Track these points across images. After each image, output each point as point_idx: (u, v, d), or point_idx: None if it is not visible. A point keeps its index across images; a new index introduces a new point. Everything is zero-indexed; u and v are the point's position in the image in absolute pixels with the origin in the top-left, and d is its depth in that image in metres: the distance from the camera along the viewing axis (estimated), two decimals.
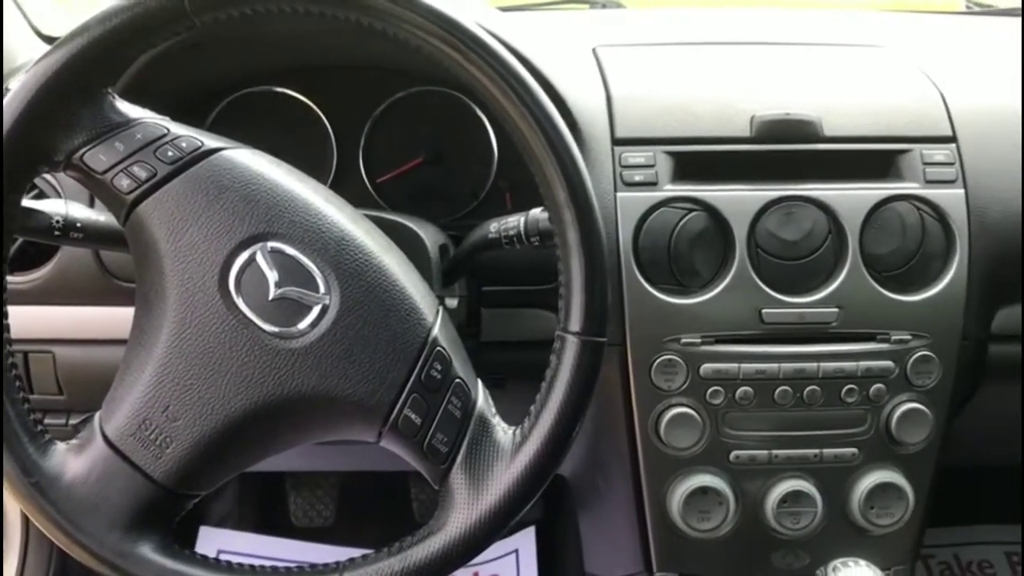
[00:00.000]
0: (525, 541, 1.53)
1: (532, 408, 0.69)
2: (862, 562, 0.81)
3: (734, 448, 0.93)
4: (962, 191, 0.94)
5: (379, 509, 1.56)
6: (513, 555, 1.53)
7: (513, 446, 0.68)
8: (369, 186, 1.04)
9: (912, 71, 1.03)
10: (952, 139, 0.96)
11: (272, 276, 0.65)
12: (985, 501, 1.68)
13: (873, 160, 0.95)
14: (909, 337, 0.92)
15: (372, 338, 0.66)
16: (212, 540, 1.50)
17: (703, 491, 0.93)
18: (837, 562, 0.81)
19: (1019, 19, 1.43)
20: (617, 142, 0.94)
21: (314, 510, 1.52)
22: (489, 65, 0.66)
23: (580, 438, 1.05)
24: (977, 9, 1.51)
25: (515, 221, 0.79)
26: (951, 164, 0.95)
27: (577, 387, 0.68)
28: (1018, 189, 0.96)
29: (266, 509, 1.58)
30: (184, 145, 0.67)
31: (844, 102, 0.97)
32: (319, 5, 0.65)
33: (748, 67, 1.04)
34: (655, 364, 0.91)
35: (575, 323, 0.68)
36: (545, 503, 1.56)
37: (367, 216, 0.73)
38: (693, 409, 0.91)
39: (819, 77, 1.02)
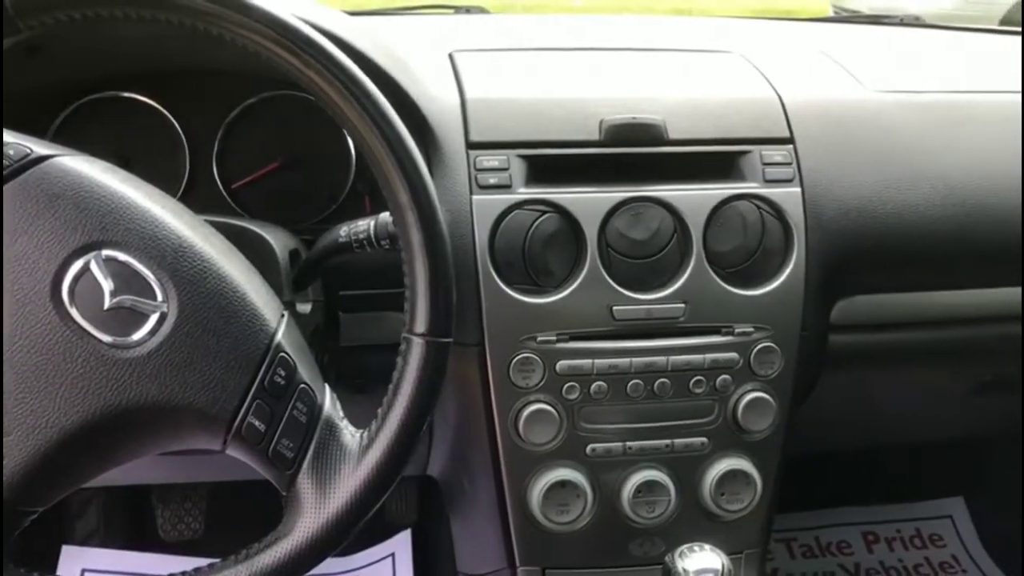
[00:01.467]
0: (401, 545, 1.54)
1: (379, 411, 0.70)
2: (707, 546, 0.84)
3: (590, 441, 0.96)
4: (799, 190, 0.99)
5: (250, 519, 1.53)
6: (389, 559, 1.53)
7: (360, 449, 0.69)
8: (224, 192, 1.02)
9: (754, 76, 1.08)
10: (789, 140, 1.01)
11: (107, 285, 0.64)
12: (844, 484, 1.78)
13: (716, 161, 0.99)
14: (752, 329, 0.97)
15: (212, 345, 0.65)
16: (75, 560, 1.45)
17: (561, 485, 0.95)
18: (684, 548, 0.84)
19: (881, 25, 1.53)
20: (471, 146, 0.96)
21: (183, 523, 1.49)
22: (325, 68, 0.67)
23: (445, 439, 1.07)
24: (844, 15, 1.60)
25: (365, 225, 0.79)
26: (788, 164, 1.00)
27: (423, 388, 0.69)
28: (851, 186, 1.02)
29: (133, 524, 1.53)
30: (11, 153, 0.65)
31: (688, 106, 1.01)
32: (147, 8, 0.64)
33: (599, 72, 1.07)
34: (513, 362, 0.93)
35: (420, 325, 0.69)
36: (420, 506, 1.57)
37: (210, 222, 0.73)
38: (550, 405, 0.94)
39: (666, 82, 1.06)
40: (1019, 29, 1.54)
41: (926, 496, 1.81)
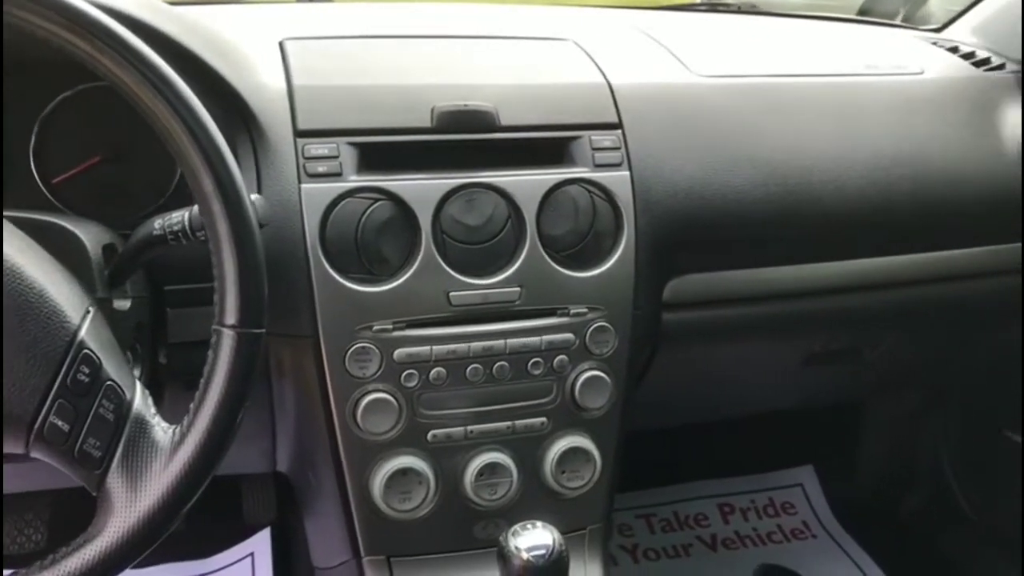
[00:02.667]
0: (260, 544, 1.51)
1: (191, 406, 0.68)
2: (539, 524, 0.85)
3: (431, 428, 0.96)
4: (627, 173, 1.02)
5: None
6: (248, 559, 1.50)
7: (172, 445, 0.67)
8: (43, 188, 0.98)
9: (585, 63, 1.10)
10: (618, 126, 1.04)
11: None
12: (700, 458, 1.83)
13: (547, 147, 1.01)
14: (586, 310, 0.99)
15: (8, 345, 0.63)
16: None
17: (403, 473, 0.95)
18: (517, 526, 0.85)
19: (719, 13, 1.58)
20: (300, 134, 0.94)
21: (23, 535, 1.43)
22: (119, 53, 0.64)
23: (287, 433, 1.06)
24: (683, 4, 1.64)
25: (179, 216, 0.77)
26: (617, 149, 1.02)
27: (235, 381, 0.68)
28: (678, 169, 1.05)
29: None
30: None
31: (520, 93, 1.03)
32: None
33: (432, 59, 1.07)
34: (349, 353, 0.92)
35: (230, 316, 0.68)
36: (279, 503, 1.55)
37: (12, 218, 0.70)
38: (389, 394, 0.93)
39: (498, 69, 1.07)
40: (869, 19, 1.63)
41: (778, 466, 1.89)
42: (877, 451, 1.79)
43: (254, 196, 0.74)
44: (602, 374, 1.00)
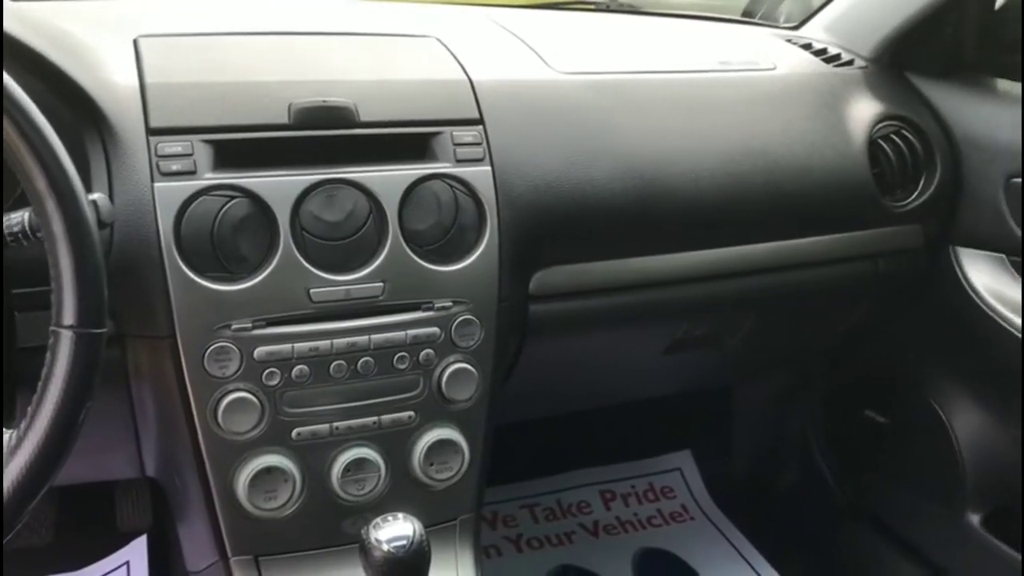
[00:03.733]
0: (136, 552, 1.48)
1: (28, 409, 0.67)
2: (400, 515, 0.86)
3: (296, 426, 0.96)
4: (489, 168, 1.03)
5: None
6: (124, 568, 1.46)
7: (8, 449, 0.66)
8: None
9: (447, 60, 1.11)
10: (479, 121, 1.05)
11: None
12: (582, 446, 1.87)
13: (408, 143, 1.01)
14: (451, 304, 1.00)
15: None
16: None
17: (268, 471, 0.94)
18: (378, 519, 0.86)
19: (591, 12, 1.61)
20: (152, 132, 0.93)
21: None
22: None
23: (150, 437, 1.04)
24: (553, 2, 1.66)
25: (19, 217, 0.75)
26: (478, 144, 1.04)
27: (73, 383, 0.66)
28: (539, 163, 1.07)
29: None
30: None
31: (380, 89, 1.03)
32: None
33: (291, 56, 1.07)
34: (208, 352, 0.91)
35: (68, 316, 0.67)
36: (155, 509, 1.51)
37: None
38: (250, 393, 0.93)
39: (358, 65, 1.07)
40: (729, 17, 1.68)
41: (659, 451, 1.95)
42: (750, 434, 1.86)
43: (96, 195, 0.73)
44: (468, 366, 1.01)
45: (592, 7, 1.63)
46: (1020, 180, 1.26)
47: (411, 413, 1.00)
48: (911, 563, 1.54)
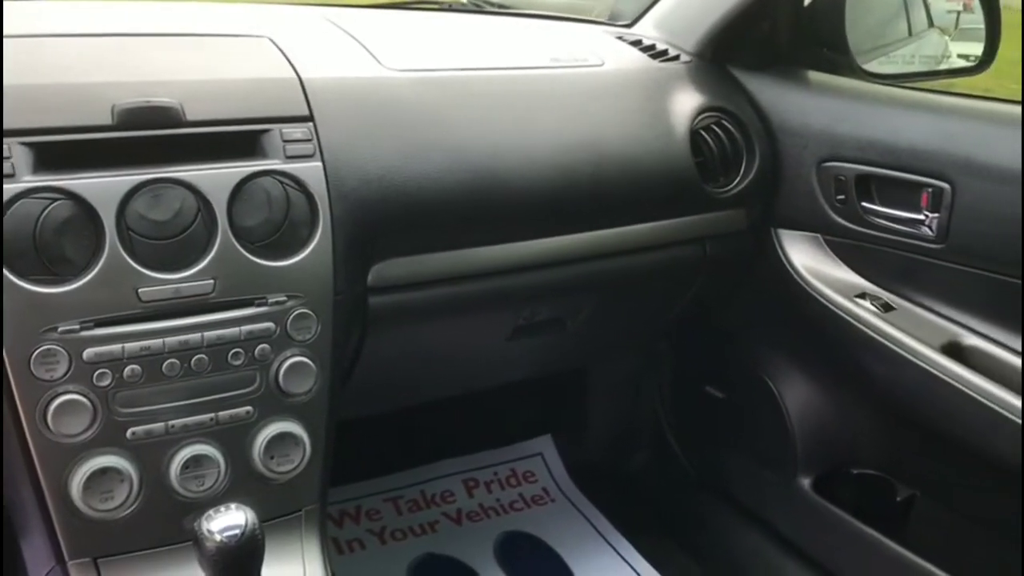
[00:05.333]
0: None
1: None
2: (233, 506, 0.88)
3: (130, 425, 0.96)
4: (320, 164, 1.05)
5: None
6: None
7: None
8: None
9: (278, 58, 1.13)
10: (309, 118, 1.07)
11: None
12: (444, 436, 1.91)
13: (237, 141, 1.02)
14: (285, 298, 1.02)
15: None
16: None
17: (103, 472, 0.94)
18: (211, 511, 0.88)
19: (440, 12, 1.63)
20: None
21: None
22: None
23: None
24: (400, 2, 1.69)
25: None
26: (308, 140, 1.06)
27: None
28: (371, 158, 1.10)
29: None
30: None
31: (207, 88, 1.04)
32: None
33: (114, 57, 1.06)
34: (34, 355, 0.91)
35: None
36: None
37: None
38: (81, 395, 0.93)
39: (185, 65, 1.07)
40: (564, 15, 1.74)
41: (522, 437, 2.00)
42: (605, 416, 1.93)
43: None
44: (306, 360, 1.03)
45: (433, 6, 1.67)
46: (831, 164, 1.36)
47: (249, 408, 1.02)
48: (752, 528, 1.64)
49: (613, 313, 1.48)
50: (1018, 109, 1.25)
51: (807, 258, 1.42)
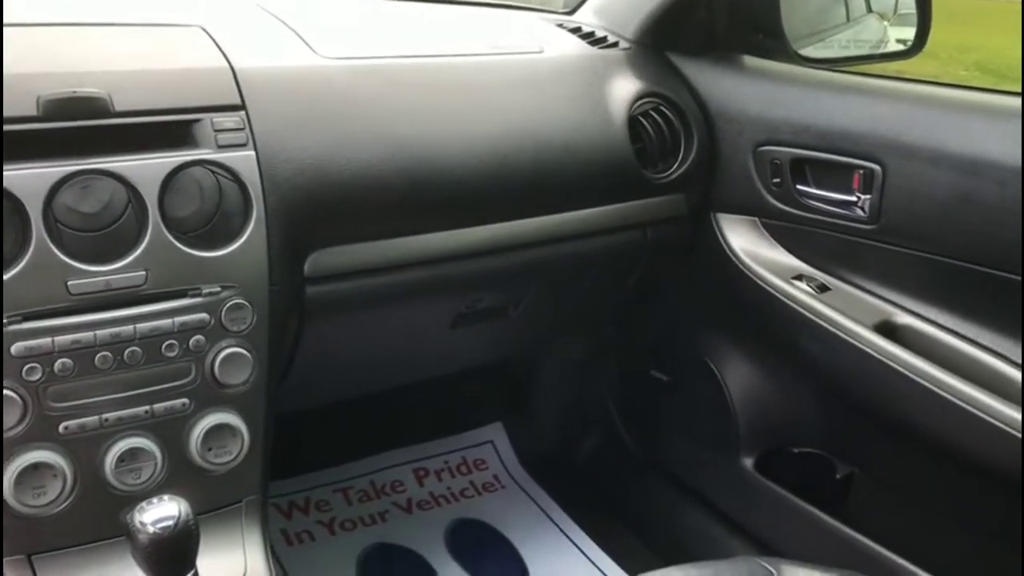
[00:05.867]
0: None
1: None
2: (166, 497, 0.88)
3: (63, 420, 0.95)
4: (252, 153, 1.04)
5: None
6: None
7: None
8: None
9: (209, 47, 1.12)
10: (241, 107, 1.06)
11: None
12: (394, 426, 1.91)
13: (167, 131, 1.01)
14: (219, 289, 1.01)
15: None
16: None
17: (35, 467, 0.93)
18: (143, 503, 0.87)
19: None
20: None
21: None
22: None
23: None
24: None
25: None
26: (240, 130, 1.05)
27: None
28: (305, 147, 1.09)
29: None
30: None
31: (136, 78, 1.02)
32: None
33: (40, 48, 1.04)
34: None
35: None
36: None
37: None
38: (10, 390, 0.91)
39: (113, 56, 1.06)
40: (505, 3, 1.74)
41: (473, 425, 2.01)
42: (555, 402, 1.94)
43: None
44: (242, 350, 1.03)
45: None
46: (767, 148, 1.38)
47: (185, 400, 1.01)
48: (698, 508, 1.66)
49: (556, 300, 1.49)
50: (946, 92, 1.28)
51: (745, 241, 1.44)
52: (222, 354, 1.02)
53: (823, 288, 1.35)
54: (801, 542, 1.45)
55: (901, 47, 1.71)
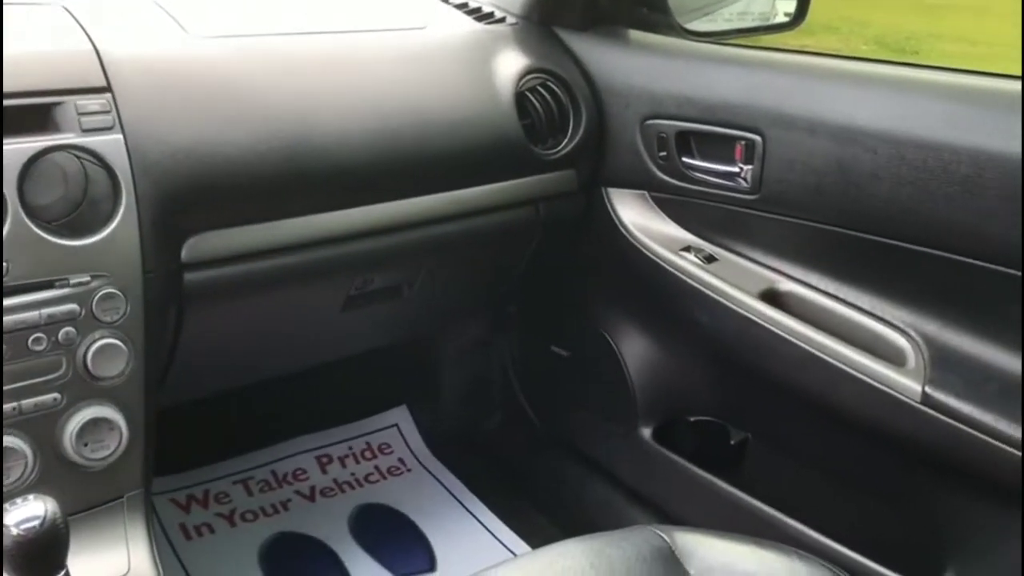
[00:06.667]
0: None
1: None
2: (31, 497, 0.84)
3: None
4: (120, 137, 1.01)
5: None
6: None
7: None
8: None
9: (71, 27, 1.07)
10: (107, 89, 1.02)
11: None
12: (296, 414, 1.88)
13: (25, 115, 0.96)
14: (89, 278, 0.97)
15: None
16: None
17: None
18: (7, 504, 0.83)
19: None
20: None
21: None
22: None
23: None
24: None
25: None
26: (107, 112, 1.01)
27: None
28: (176, 130, 1.06)
29: None
30: None
31: None
32: None
33: None
34: None
35: None
36: None
37: None
38: None
39: None
40: None
41: (379, 409, 1.99)
42: (458, 381, 1.94)
43: None
44: (116, 341, 0.99)
45: None
46: (653, 122, 1.39)
47: (56, 395, 0.97)
48: (600, 480, 1.68)
49: (451, 279, 1.48)
50: (825, 62, 1.31)
51: (635, 215, 1.45)
52: (95, 346, 0.98)
53: (710, 259, 1.37)
54: (699, 509, 1.48)
55: (786, 19, 1.74)
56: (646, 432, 1.57)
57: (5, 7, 1.10)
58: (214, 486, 1.74)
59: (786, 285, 1.29)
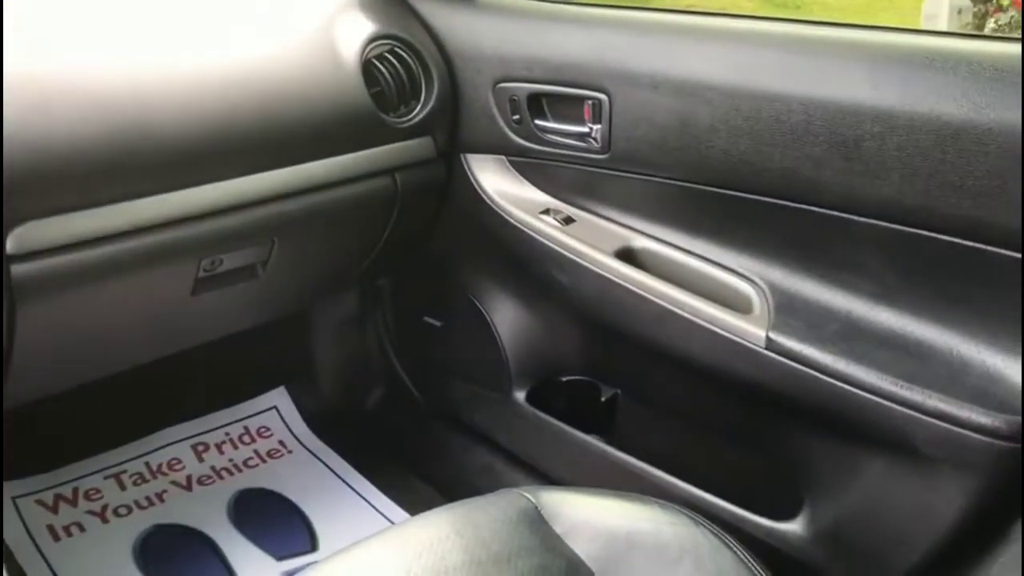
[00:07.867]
0: None
1: None
2: None
3: None
4: None
5: None
6: None
7: None
8: None
9: None
10: None
11: None
12: (166, 403, 1.83)
13: None
14: None
15: None
16: None
17: None
18: None
19: None
20: None
21: None
22: None
23: None
24: None
25: None
26: None
27: None
28: None
29: None
30: None
31: None
32: None
33: None
34: None
35: None
36: None
37: None
38: None
39: None
40: None
41: (254, 393, 1.94)
42: (334, 358, 1.91)
43: None
44: None
45: None
46: (505, 85, 1.38)
47: None
48: (481, 447, 1.68)
49: (310, 255, 1.45)
50: (667, 18, 1.32)
51: (494, 180, 1.45)
52: None
53: (568, 220, 1.37)
54: (574, 468, 1.50)
55: None
56: (520, 395, 1.58)
57: None
58: (84, 483, 1.68)
59: (640, 242, 1.31)
